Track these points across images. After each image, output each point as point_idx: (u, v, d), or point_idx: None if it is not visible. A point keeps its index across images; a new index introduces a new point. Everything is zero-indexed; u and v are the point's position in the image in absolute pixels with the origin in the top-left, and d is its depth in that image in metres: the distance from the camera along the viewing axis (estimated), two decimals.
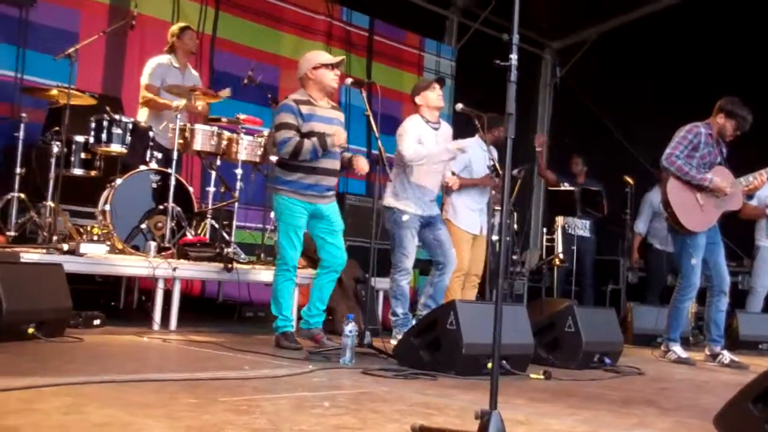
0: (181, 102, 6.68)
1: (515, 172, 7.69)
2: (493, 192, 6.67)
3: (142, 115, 7.22)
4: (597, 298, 10.11)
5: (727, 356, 6.52)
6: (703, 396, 4.80)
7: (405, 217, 6.19)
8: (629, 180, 9.28)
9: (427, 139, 6.26)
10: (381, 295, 7.35)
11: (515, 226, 8.62)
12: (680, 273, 6.67)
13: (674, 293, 6.71)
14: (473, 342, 4.72)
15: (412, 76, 11.07)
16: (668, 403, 4.43)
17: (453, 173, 6.63)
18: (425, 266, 6.72)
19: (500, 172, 6.29)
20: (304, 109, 5.50)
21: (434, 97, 6.36)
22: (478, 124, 6.55)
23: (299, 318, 5.82)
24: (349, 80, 5.84)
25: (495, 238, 6.99)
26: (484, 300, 6.73)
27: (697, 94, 8.59)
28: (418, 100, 6.41)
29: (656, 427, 3.71)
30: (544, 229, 10.34)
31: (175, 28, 7.56)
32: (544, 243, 9.82)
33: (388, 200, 6.29)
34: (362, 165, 5.65)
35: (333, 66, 5.60)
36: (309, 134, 5.44)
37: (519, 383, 4.58)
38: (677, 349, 6.61)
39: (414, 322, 6.02)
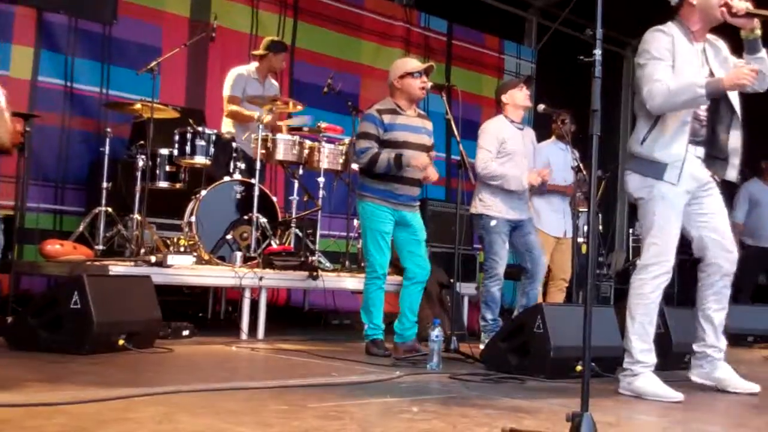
0: (265, 114, 6.75)
1: (599, 172, 7.57)
2: (578, 194, 6.55)
3: (227, 127, 7.32)
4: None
5: None
6: None
7: (493, 222, 6.13)
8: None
9: (512, 140, 6.19)
10: (466, 300, 7.30)
11: (600, 227, 8.49)
12: None
13: None
14: (561, 345, 4.65)
15: (492, 79, 11.01)
16: (762, 401, 4.28)
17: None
18: (513, 272, 6.64)
19: (584, 172, 6.17)
20: (387, 118, 5.47)
21: (521, 96, 6.28)
22: (560, 124, 6.46)
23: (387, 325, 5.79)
24: (428, 85, 5.79)
25: (580, 240, 6.88)
26: (571, 303, 6.63)
27: None
28: (504, 98, 6.34)
29: (752, 426, 3.61)
30: (630, 230, 10.14)
31: (268, 40, 7.58)
32: (630, 244, 9.61)
33: (476, 206, 6.24)
34: (431, 175, 5.59)
35: (421, 73, 5.57)
36: (390, 144, 5.42)
37: (608, 386, 4.49)
38: None
39: None
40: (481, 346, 5.69)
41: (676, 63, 4.26)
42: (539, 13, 11.66)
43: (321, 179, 7.01)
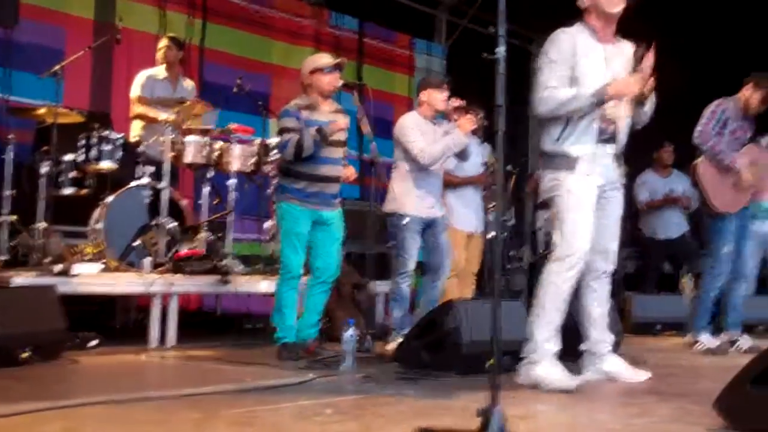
0: (169, 115, 6.64)
1: (509, 167, 7.67)
2: (492, 188, 6.59)
3: (135, 129, 7.19)
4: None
5: (746, 341, 6.40)
6: (702, 381, 4.78)
7: (406, 220, 6.11)
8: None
9: (427, 135, 6.17)
10: (380, 298, 7.29)
11: (513, 221, 8.58)
12: (711, 258, 6.49)
13: (703, 280, 6.59)
14: (473, 340, 4.69)
15: (404, 76, 11.10)
16: (669, 389, 4.41)
17: None
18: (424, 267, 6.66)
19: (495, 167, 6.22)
20: (305, 113, 5.42)
21: (440, 98, 6.23)
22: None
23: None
24: (339, 82, 5.74)
25: (493, 235, 6.93)
26: (482, 298, 6.68)
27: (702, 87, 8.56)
28: (422, 96, 6.31)
29: (657, 415, 3.70)
30: (540, 224, 10.31)
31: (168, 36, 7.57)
32: (541, 237, 9.74)
33: (389, 204, 6.22)
34: (349, 174, 5.60)
35: (331, 69, 5.54)
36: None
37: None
38: (706, 339, 6.45)
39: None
40: (393, 344, 5.69)
41: (578, 65, 4.39)
42: (448, 10, 11.73)
43: (232, 181, 6.92)
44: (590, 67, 4.41)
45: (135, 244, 6.34)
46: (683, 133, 6.69)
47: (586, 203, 4.42)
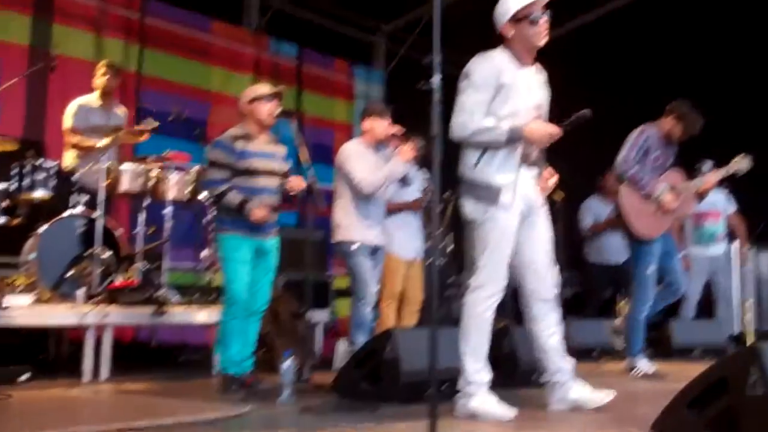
0: (105, 142, 6.54)
1: (447, 194, 7.67)
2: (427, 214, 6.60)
3: (68, 159, 7.05)
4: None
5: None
6: (640, 406, 4.80)
7: (354, 246, 6.09)
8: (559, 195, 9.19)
9: (371, 163, 6.17)
10: (319, 328, 7.23)
11: (451, 247, 8.58)
12: (635, 283, 6.53)
13: (630, 306, 6.65)
14: (413, 369, 4.66)
15: (343, 102, 11.11)
16: (607, 415, 4.42)
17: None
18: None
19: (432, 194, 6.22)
20: (241, 144, 5.36)
21: (383, 127, 6.24)
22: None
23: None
24: (277, 110, 5.70)
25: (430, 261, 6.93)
26: (422, 326, 6.65)
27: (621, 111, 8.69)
28: (365, 124, 6.31)
29: None
30: None
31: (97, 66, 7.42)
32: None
33: (335, 234, 6.19)
34: (295, 184, 5.51)
35: (271, 98, 5.51)
36: (245, 172, 5.32)
37: None
38: (643, 365, 6.47)
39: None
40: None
41: (501, 89, 4.37)
42: (387, 37, 11.80)
43: (168, 210, 6.83)
44: (513, 92, 4.40)
45: (68, 274, 6.22)
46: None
47: (507, 234, 4.39)
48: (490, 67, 4.40)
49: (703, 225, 8.47)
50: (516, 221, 4.43)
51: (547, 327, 4.57)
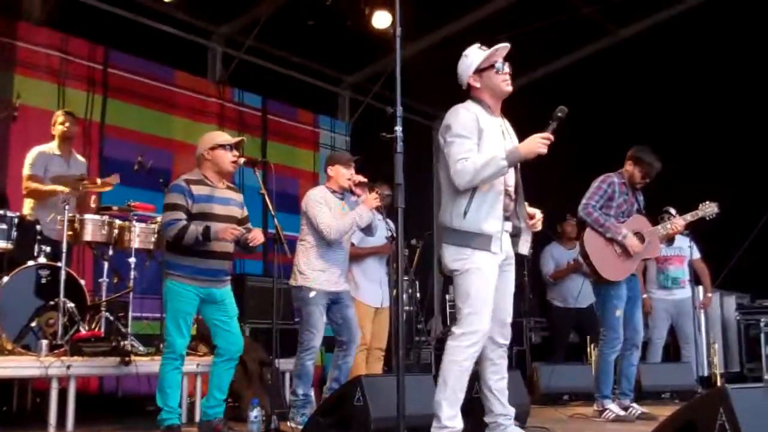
0: (65, 189, 6.50)
1: (413, 241, 7.70)
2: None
3: (27, 207, 6.97)
4: None
5: (637, 409, 6.53)
6: None
7: (312, 294, 6.06)
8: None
9: (335, 210, 6.19)
10: (287, 376, 7.17)
11: (418, 294, 8.60)
12: (604, 325, 6.57)
13: (599, 348, 6.67)
14: (382, 416, 4.65)
15: (308, 152, 11.15)
16: None
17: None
18: (330, 342, 6.59)
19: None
20: (196, 189, 5.38)
21: (346, 175, 6.26)
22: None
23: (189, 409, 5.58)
24: (241, 160, 5.71)
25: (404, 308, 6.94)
26: (390, 373, 6.64)
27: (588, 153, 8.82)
28: (330, 171, 6.34)
29: None
30: (447, 296, 10.36)
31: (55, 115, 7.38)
32: (448, 309, 9.75)
33: (295, 278, 6.17)
34: (256, 236, 5.52)
35: (231, 147, 5.52)
36: (201, 216, 5.32)
37: None
38: (613, 407, 6.48)
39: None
40: (290, 423, 5.57)
41: (482, 136, 4.47)
42: (351, 87, 11.92)
43: (132, 259, 6.78)
44: (492, 139, 4.52)
45: (31, 325, 6.13)
46: None
47: (491, 282, 4.47)
48: (468, 114, 4.52)
49: (668, 269, 8.56)
50: (497, 270, 4.51)
51: (499, 371, 4.69)
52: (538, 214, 4.81)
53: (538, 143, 4.40)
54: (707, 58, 9.97)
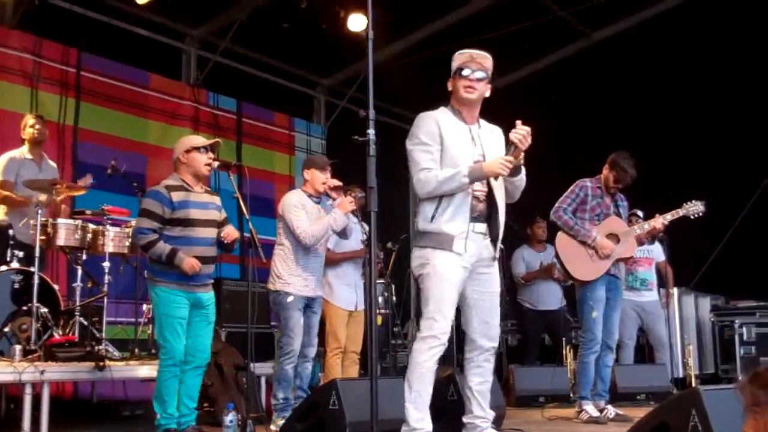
0: (40, 197, 6.45)
1: (389, 244, 7.70)
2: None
3: (0, 212, 6.92)
4: None
5: (612, 410, 6.57)
6: None
7: (290, 299, 6.06)
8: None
9: (311, 214, 6.19)
10: (263, 380, 7.15)
11: (394, 297, 8.60)
12: (582, 327, 6.64)
13: (579, 350, 6.72)
14: (357, 420, 4.65)
15: (284, 155, 11.13)
16: None
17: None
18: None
19: (380, 244, 6.26)
20: (177, 195, 5.34)
21: (322, 179, 6.28)
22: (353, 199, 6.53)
23: None
24: (216, 163, 5.68)
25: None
26: (366, 376, 6.62)
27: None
28: (306, 174, 6.35)
29: None
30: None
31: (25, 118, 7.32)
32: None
33: (273, 283, 6.16)
34: (230, 232, 5.52)
35: (206, 149, 5.50)
36: (179, 222, 5.30)
37: None
38: (589, 409, 6.52)
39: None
40: (273, 427, 5.57)
41: (444, 143, 4.53)
42: (327, 91, 11.92)
43: (106, 264, 6.76)
44: (457, 146, 4.55)
45: (4, 330, 6.09)
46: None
47: (451, 282, 4.49)
48: (430, 122, 4.57)
49: (636, 270, 8.61)
50: (462, 274, 4.52)
51: (483, 374, 4.69)
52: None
53: (500, 165, 4.46)
54: (682, 61, 10.06)
